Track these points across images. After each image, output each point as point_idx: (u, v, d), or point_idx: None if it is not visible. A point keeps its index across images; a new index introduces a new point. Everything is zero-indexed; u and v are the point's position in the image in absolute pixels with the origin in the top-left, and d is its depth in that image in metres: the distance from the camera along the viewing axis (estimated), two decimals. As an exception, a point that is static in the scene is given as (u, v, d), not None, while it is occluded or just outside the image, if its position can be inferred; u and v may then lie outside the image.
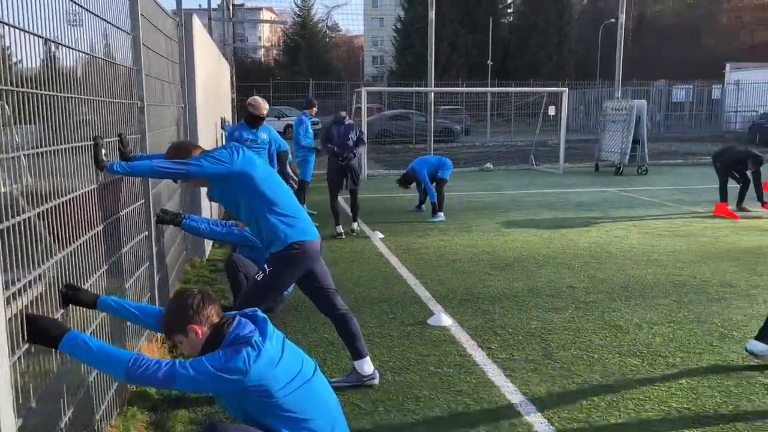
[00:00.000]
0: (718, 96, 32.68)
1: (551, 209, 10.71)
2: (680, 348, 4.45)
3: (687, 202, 11.39)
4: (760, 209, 9.89)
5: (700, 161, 19.27)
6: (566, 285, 6.06)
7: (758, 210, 9.94)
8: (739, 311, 5.22)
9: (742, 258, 7.08)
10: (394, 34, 54.62)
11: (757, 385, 3.84)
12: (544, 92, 20.13)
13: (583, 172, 16.99)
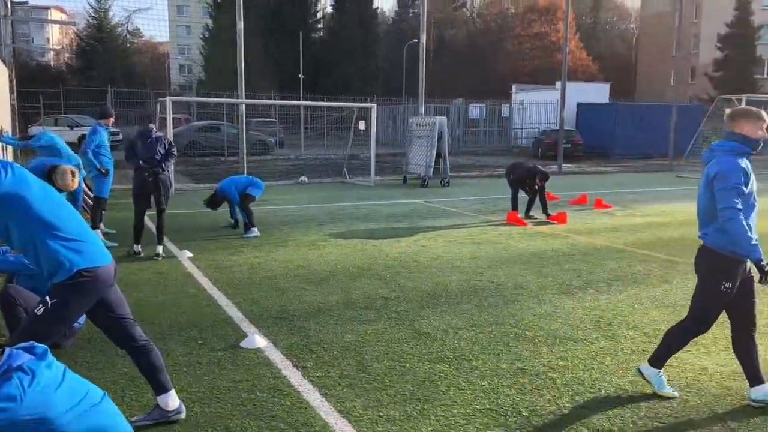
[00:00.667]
0: (507, 114, 36.24)
1: (364, 221, 10.99)
2: (482, 350, 4.75)
3: (484, 211, 12.39)
4: (545, 218, 11.08)
5: (494, 173, 21.15)
6: (379, 296, 6.20)
7: (543, 218, 11.12)
8: (529, 311, 5.73)
9: (531, 261, 7.82)
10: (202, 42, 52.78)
11: (548, 380, 4.22)
12: (355, 107, 20.70)
13: (392, 185, 17.74)
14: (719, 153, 3.63)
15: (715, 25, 48.98)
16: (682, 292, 6.40)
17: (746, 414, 3.74)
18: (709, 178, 3.59)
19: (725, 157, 3.58)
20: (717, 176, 3.52)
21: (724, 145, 3.64)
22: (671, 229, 10.38)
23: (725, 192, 3.48)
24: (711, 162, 3.66)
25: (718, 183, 3.51)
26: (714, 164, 3.60)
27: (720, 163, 3.56)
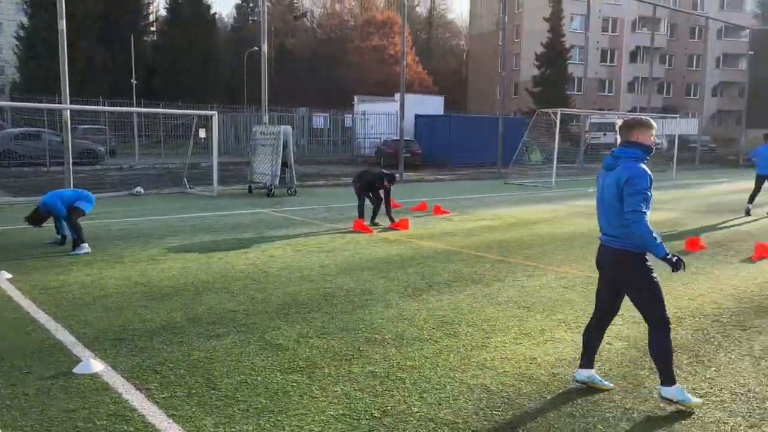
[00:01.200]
0: (350, 124, 36.98)
1: (208, 233, 10.61)
2: (334, 357, 4.81)
3: (331, 219, 12.53)
4: (389, 225, 11.46)
5: (340, 182, 21.45)
6: (227, 310, 6.03)
7: (387, 224, 11.49)
8: (378, 315, 5.90)
9: (378, 267, 8.05)
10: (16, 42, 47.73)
11: (397, 381, 4.37)
12: (194, 115, 19.93)
13: (237, 195, 17.32)
14: (624, 159, 3.86)
15: (533, 45, 53.90)
16: (513, 289, 6.97)
17: (571, 396, 4.16)
18: (620, 183, 3.78)
19: (631, 163, 3.81)
20: (628, 181, 3.74)
21: (627, 152, 3.86)
22: (501, 231, 11.23)
23: (634, 196, 3.71)
24: (617, 168, 3.86)
25: (628, 187, 3.73)
26: (622, 170, 3.81)
27: (629, 169, 3.78)
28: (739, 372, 4.59)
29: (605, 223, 4.01)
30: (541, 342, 5.21)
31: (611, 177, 3.90)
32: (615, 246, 3.93)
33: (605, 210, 3.98)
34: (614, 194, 3.85)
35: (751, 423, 3.79)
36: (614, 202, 3.87)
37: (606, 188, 3.95)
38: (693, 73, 64.07)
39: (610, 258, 3.99)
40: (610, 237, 3.97)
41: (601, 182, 4.03)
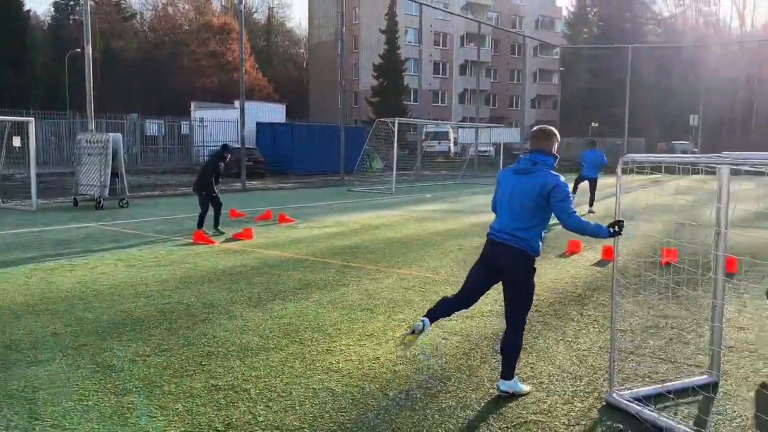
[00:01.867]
0: (187, 131, 35.50)
1: (26, 250, 9.64)
2: (174, 374, 4.62)
3: (168, 231, 11.96)
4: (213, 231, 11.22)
5: (178, 192, 20.54)
6: (51, 332, 5.54)
7: (231, 234, 11.23)
8: (221, 328, 5.76)
9: (220, 279, 7.84)
10: None
11: (242, 392, 4.31)
12: (7, 121, 17.98)
13: (60, 208, 15.90)
14: (542, 166, 4.08)
15: (371, 56, 55.61)
16: (358, 293, 7.15)
17: (411, 391, 4.37)
18: (545, 189, 3.98)
19: (549, 171, 4.07)
20: (556, 188, 3.98)
21: (545, 160, 4.10)
22: (346, 237, 11.46)
23: (564, 201, 3.98)
24: (535, 173, 4.06)
25: (557, 194, 3.97)
26: (545, 177, 4.02)
27: (552, 177, 4.03)
28: (555, 356, 5.12)
29: (509, 221, 4.15)
30: (384, 342, 5.42)
31: (528, 180, 4.08)
32: (516, 246, 4.09)
33: (514, 209, 4.12)
34: (532, 197, 4.04)
35: (565, 400, 4.25)
36: (529, 204, 4.05)
37: (520, 190, 4.10)
38: (515, 86, 69.95)
39: (508, 256, 4.13)
40: (512, 236, 4.11)
41: (512, 183, 4.17)
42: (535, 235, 4.13)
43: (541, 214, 4.12)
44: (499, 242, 4.20)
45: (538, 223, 4.13)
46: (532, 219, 4.10)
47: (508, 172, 4.29)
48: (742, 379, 4.60)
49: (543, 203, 4.06)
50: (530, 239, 4.11)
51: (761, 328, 5.85)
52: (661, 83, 54.59)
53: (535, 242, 4.13)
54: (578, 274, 8.31)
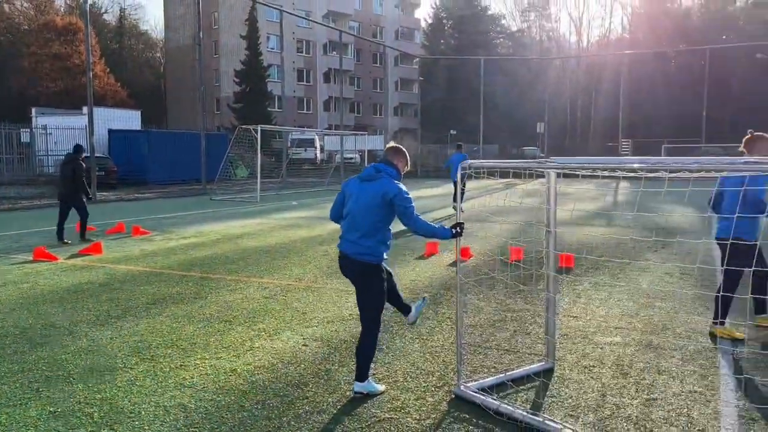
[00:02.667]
0: (28, 139, 32.55)
1: None
2: (6, 404, 4.23)
3: (5, 249, 10.91)
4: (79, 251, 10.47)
5: (17, 206, 18.80)
6: None
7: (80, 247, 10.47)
8: (63, 350, 5.36)
9: (64, 298, 7.29)
10: None
11: (83, 417, 4.04)
12: None
13: None
14: (386, 175, 4.32)
15: (232, 61, 54.30)
16: (215, 305, 6.97)
17: (268, 399, 4.35)
18: (387, 196, 4.21)
19: (391, 180, 4.31)
20: (397, 195, 4.21)
21: (388, 170, 4.36)
22: (206, 248, 11.11)
23: (408, 207, 4.22)
24: (378, 181, 4.28)
25: (400, 201, 4.21)
26: (387, 185, 4.26)
27: (393, 184, 4.27)
28: (410, 354, 5.32)
29: (354, 230, 4.30)
30: (242, 353, 5.33)
31: (372, 187, 4.29)
32: (359, 255, 4.29)
33: (359, 217, 4.29)
34: (376, 203, 4.24)
35: (417, 396, 4.43)
36: (373, 210, 4.25)
37: (365, 197, 4.29)
38: (378, 94, 71.55)
39: (354, 264, 4.34)
40: (356, 244, 4.29)
41: (357, 191, 4.35)
42: (377, 242, 4.31)
43: (384, 220, 4.32)
44: (344, 254, 4.40)
45: (381, 229, 4.32)
46: (375, 225, 4.29)
47: (354, 180, 4.49)
48: (574, 363, 5.07)
49: (386, 210, 4.28)
50: (373, 246, 4.30)
51: (592, 316, 6.46)
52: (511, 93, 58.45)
53: (377, 249, 4.32)
54: (435, 275, 8.68)
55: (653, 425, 3.92)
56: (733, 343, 5.52)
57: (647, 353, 5.28)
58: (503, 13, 73.15)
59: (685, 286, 7.81)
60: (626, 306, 6.85)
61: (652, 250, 10.52)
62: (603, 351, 5.35)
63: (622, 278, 8.32)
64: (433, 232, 4.32)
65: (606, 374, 4.81)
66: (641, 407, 4.19)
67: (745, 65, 52.25)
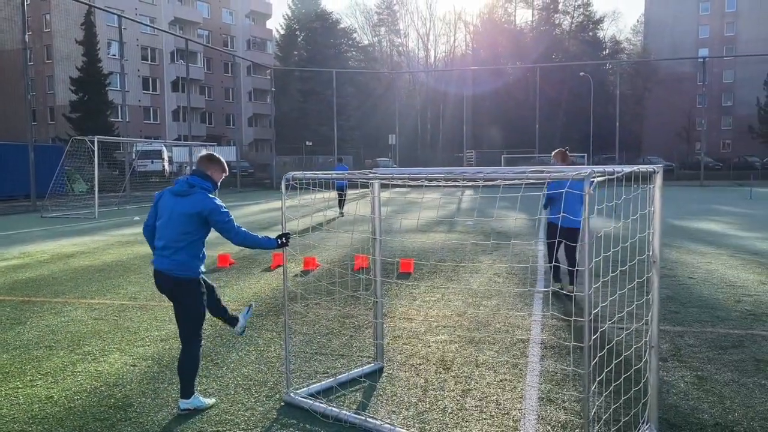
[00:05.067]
0: None
1: None
2: None
3: None
4: None
5: None
6: None
7: None
8: None
9: None
10: None
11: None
12: None
13: None
14: (200, 190, 4.23)
15: (68, 68, 50.37)
16: (36, 330, 6.47)
17: (85, 425, 4.14)
18: (203, 212, 4.14)
19: (206, 194, 4.23)
20: (213, 211, 4.16)
21: (204, 184, 4.26)
22: (31, 269, 10.23)
23: (227, 221, 4.19)
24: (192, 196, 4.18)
25: (217, 216, 4.17)
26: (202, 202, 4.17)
27: (209, 199, 4.20)
28: (245, 365, 5.32)
29: (167, 245, 4.21)
30: (61, 379, 5.01)
31: (186, 202, 4.18)
32: (175, 273, 4.21)
33: (172, 232, 4.19)
34: (191, 219, 4.17)
35: (248, 406, 4.45)
36: (187, 225, 4.18)
37: (178, 212, 4.19)
38: (230, 104, 69.91)
39: (169, 281, 4.26)
40: (170, 260, 4.20)
41: (170, 205, 4.23)
42: (191, 256, 4.25)
43: (198, 235, 4.27)
44: (158, 270, 4.30)
45: (194, 243, 4.26)
46: (189, 241, 4.22)
47: (167, 194, 4.36)
48: (402, 362, 5.35)
49: (201, 225, 4.23)
50: (187, 261, 4.24)
51: (424, 317, 6.85)
52: (364, 105, 59.92)
53: (192, 263, 4.26)
54: (279, 287, 8.69)
55: (466, 413, 4.27)
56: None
57: (469, 348, 5.71)
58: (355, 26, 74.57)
59: (510, 285, 8.52)
60: (456, 305, 7.34)
61: (485, 253, 11.33)
62: (430, 349, 5.71)
63: (455, 280, 8.89)
64: (257, 242, 4.35)
65: (430, 370, 5.13)
66: (457, 398, 4.53)
67: (571, 83, 57.84)
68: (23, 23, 26.89)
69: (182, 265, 4.22)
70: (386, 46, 75.75)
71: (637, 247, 4.29)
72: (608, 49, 70.05)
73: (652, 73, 65.81)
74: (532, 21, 70.56)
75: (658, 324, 3.86)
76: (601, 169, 3.10)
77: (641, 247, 4.17)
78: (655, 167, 3.60)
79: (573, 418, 4.16)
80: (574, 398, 4.47)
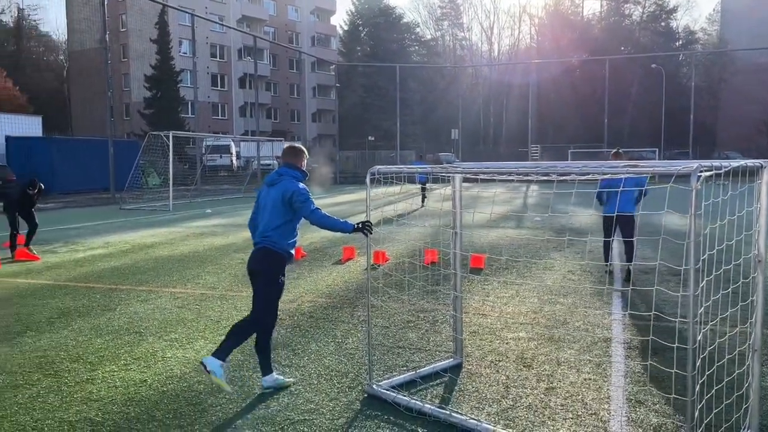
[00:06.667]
0: None
1: None
2: None
3: None
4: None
5: None
6: None
7: None
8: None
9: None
10: None
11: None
12: None
13: None
14: (288, 177, 4.54)
15: (142, 66, 52.43)
16: (126, 316, 6.78)
17: (180, 408, 4.31)
18: (286, 195, 4.42)
19: (292, 180, 4.52)
20: (294, 193, 4.42)
21: (292, 173, 4.58)
22: (115, 258, 10.73)
23: (305, 203, 4.41)
24: (281, 183, 4.50)
25: (297, 197, 4.41)
26: (286, 185, 4.47)
27: (293, 183, 4.49)
28: (325, 356, 5.41)
29: (263, 227, 4.51)
30: (152, 363, 5.23)
31: (275, 190, 4.50)
32: (265, 244, 4.48)
33: (266, 215, 4.52)
34: (279, 205, 4.45)
35: (331, 397, 4.52)
36: (276, 211, 4.46)
37: (269, 198, 4.52)
38: (295, 100, 71.08)
39: (257, 252, 4.53)
40: (264, 237, 4.49)
41: (264, 193, 4.60)
42: (281, 236, 4.50)
43: (288, 218, 4.51)
44: (252, 252, 4.61)
45: (285, 225, 4.51)
46: (280, 223, 4.49)
47: (263, 186, 4.71)
48: (481, 358, 5.31)
49: (289, 209, 4.49)
50: (278, 240, 4.50)
51: (499, 314, 6.78)
52: (426, 99, 59.70)
53: (282, 242, 4.51)
54: (351, 279, 8.80)
55: (551, 412, 4.20)
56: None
57: (548, 346, 5.61)
58: (417, 21, 74.35)
59: (585, 282, 8.32)
60: (531, 302, 7.23)
61: (557, 250, 11.10)
62: (508, 346, 5.64)
63: (529, 276, 8.76)
64: (334, 224, 4.50)
65: (510, 367, 5.08)
66: (541, 396, 4.47)
67: (641, 75, 55.83)
68: (103, 23, 28.12)
69: (273, 242, 4.49)
70: (449, 41, 75.19)
71: (733, 247, 4.10)
72: (682, 40, 67.17)
73: (729, 63, 62.65)
74: (600, 12, 68.46)
75: (762, 327, 3.68)
76: (708, 163, 2.97)
77: (738, 248, 3.99)
78: (762, 162, 3.42)
79: (666, 420, 4.02)
80: (665, 400, 4.32)
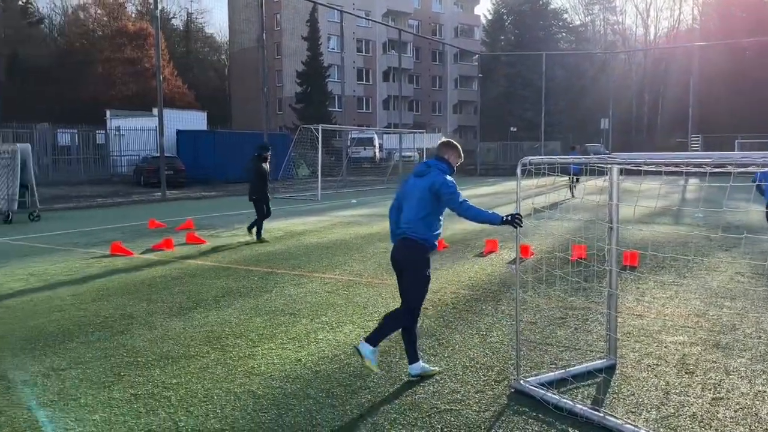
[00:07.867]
0: (103, 141, 34.17)
1: (-74, 269, 9.11)
2: (91, 386, 4.56)
3: (85, 244, 11.57)
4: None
5: (94, 203, 19.81)
6: (-43, 352, 5.32)
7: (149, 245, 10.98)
8: (140, 338, 5.70)
9: (140, 290, 7.71)
10: None
11: (162, 399, 4.31)
12: None
13: (-36, 224, 15.03)
14: (436, 170, 4.59)
15: (293, 63, 55.36)
16: (281, 298, 7.22)
17: (332, 388, 4.51)
18: (434, 187, 4.46)
19: (439, 172, 4.56)
20: (442, 185, 4.46)
21: (440, 165, 4.62)
22: (270, 244, 11.46)
23: (453, 194, 4.43)
24: (428, 174, 4.56)
25: (444, 189, 4.44)
26: (434, 177, 4.51)
27: (440, 175, 4.53)
28: (470, 348, 5.39)
29: (406, 217, 4.58)
30: (306, 344, 5.53)
31: (422, 181, 4.56)
32: (408, 234, 4.55)
33: (412, 205, 4.56)
34: (425, 196, 4.50)
35: (477, 389, 4.50)
36: (423, 202, 4.51)
37: (417, 189, 4.57)
38: (437, 92, 71.32)
39: (402, 243, 4.59)
40: (408, 227, 4.56)
41: (411, 183, 4.66)
42: (426, 227, 4.53)
43: (434, 212, 4.55)
44: (396, 243, 4.67)
45: (430, 216, 4.54)
46: (425, 213, 4.52)
47: (410, 177, 4.76)
48: (636, 361, 5.01)
49: (434, 201, 4.51)
50: (423, 231, 4.53)
51: (656, 315, 6.34)
52: (573, 88, 57.13)
53: (427, 233, 4.54)
54: (494, 272, 8.68)
55: (719, 424, 3.86)
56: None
57: (714, 353, 5.16)
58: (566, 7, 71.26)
59: (757, 285, 7.54)
60: (693, 305, 6.68)
61: (722, 249, 10.17)
62: (667, 349, 5.27)
63: (689, 277, 8.11)
64: (482, 215, 4.46)
65: (670, 373, 4.74)
66: (707, 406, 4.12)
67: (827, 55, 49.29)
68: (260, 22, 29.98)
69: (418, 234, 4.53)
70: (600, 25, 71.28)
71: None
72: None
73: None
74: (777, -14, 61.30)
75: None
76: None
77: None
78: None
79: None
80: None
